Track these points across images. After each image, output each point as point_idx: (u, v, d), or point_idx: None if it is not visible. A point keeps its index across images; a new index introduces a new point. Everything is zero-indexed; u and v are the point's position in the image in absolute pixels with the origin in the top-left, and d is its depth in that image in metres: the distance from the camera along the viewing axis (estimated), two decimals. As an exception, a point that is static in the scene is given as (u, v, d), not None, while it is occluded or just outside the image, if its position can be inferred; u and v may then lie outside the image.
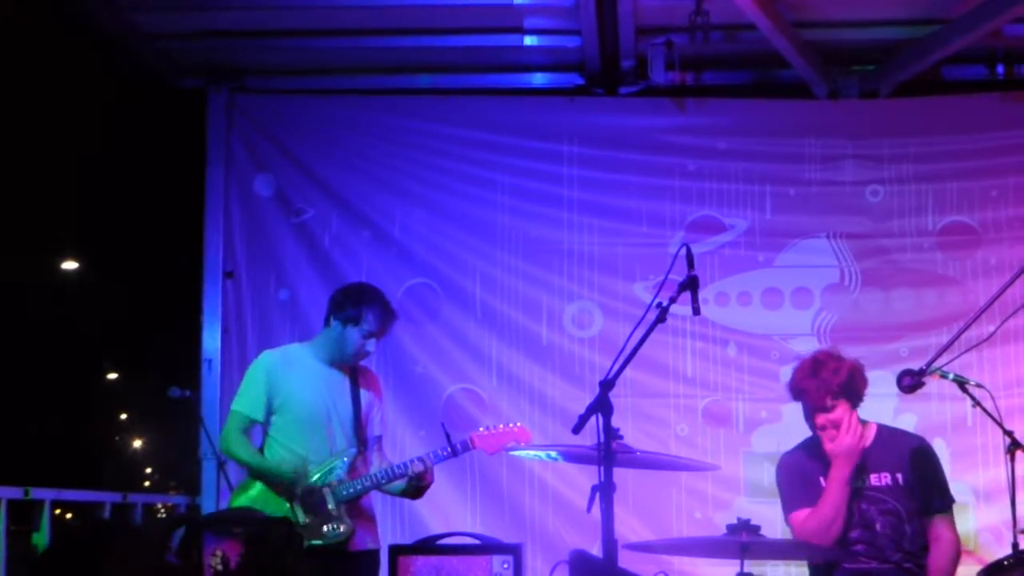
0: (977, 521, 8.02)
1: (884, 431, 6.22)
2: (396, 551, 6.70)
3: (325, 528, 6.59)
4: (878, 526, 6.03)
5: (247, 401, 6.85)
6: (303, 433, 6.77)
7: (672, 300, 5.20)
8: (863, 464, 6.07)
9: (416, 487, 6.77)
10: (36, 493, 7.71)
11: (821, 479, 6.16)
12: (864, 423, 6.11)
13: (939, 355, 5.86)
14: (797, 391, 6.15)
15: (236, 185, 8.69)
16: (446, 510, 8.27)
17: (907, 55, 8.41)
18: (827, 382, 6.05)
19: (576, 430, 5.02)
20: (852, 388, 6.08)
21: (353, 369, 6.95)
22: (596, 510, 4.95)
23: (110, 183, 26.68)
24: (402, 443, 8.17)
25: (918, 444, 6.23)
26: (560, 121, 8.67)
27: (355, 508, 6.72)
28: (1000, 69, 8.68)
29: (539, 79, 8.88)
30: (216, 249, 8.64)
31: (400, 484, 6.80)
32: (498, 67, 8.81)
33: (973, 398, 5.88)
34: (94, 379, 39.44)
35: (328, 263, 8.56)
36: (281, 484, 6.65)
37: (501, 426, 6.93)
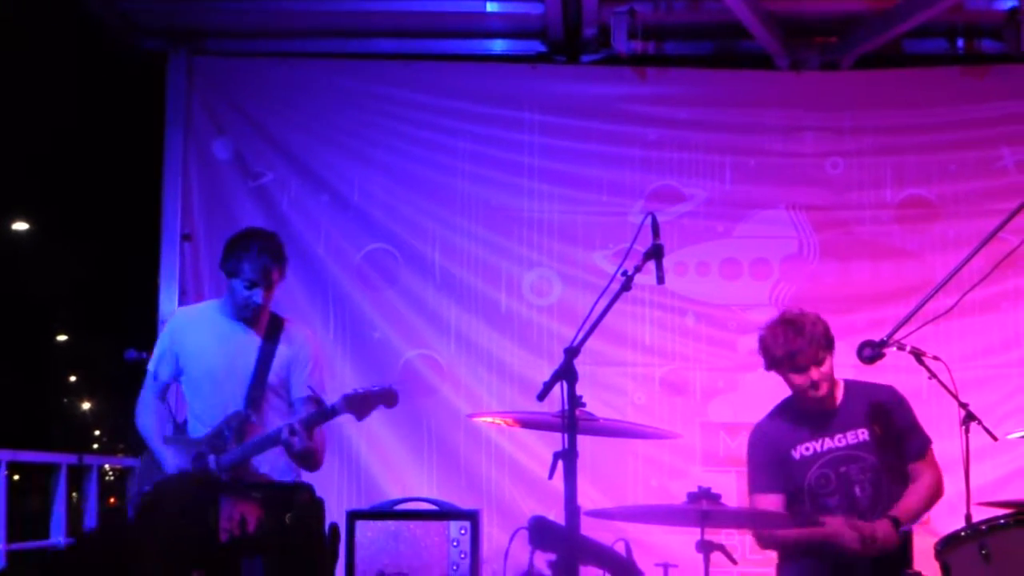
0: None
1: (853, 386, 6.41)
2: (353, 516, 6.71)
3: None
4: (857, 490, 6.19)
5: (155, 360, 6.74)
6: (201, 393, 6.62)
7: (637, 269, 5.22)
8: (837, 422, 6.28)
9: (293, 455, 6.40)
10: (-9, 454, 7.69)
11: (793, 452, 6.27)
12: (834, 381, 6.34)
13: (899, 327, 5.90)
14: (787, 355, 6.20)
15: (195, 148, 8.61)
16: (402, 475, 8.26)
17: (869, 27, 8.42)
18: (815, 336, 6.18)
19: (541, 397, 5.03)
20: (831, 336, 6.28)
21: (274, 326, 6.67)
22: (556, 477, 4.96)
23: (67, 144, 26.51)
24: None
25: (888, 394, 6.40)
26: (521, 88, 8.65)
27: (246, 473, 6.44)
28: (960, 43, 8.71)
29: (501, 46, 8.83)
30: (174, 212, 8.57)
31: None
32: (460, 33, 8.76)
33: (929, 370, 5.92)
34: (44, 340, 39.22)
35: (286, 227, 8.45)
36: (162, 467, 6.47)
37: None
